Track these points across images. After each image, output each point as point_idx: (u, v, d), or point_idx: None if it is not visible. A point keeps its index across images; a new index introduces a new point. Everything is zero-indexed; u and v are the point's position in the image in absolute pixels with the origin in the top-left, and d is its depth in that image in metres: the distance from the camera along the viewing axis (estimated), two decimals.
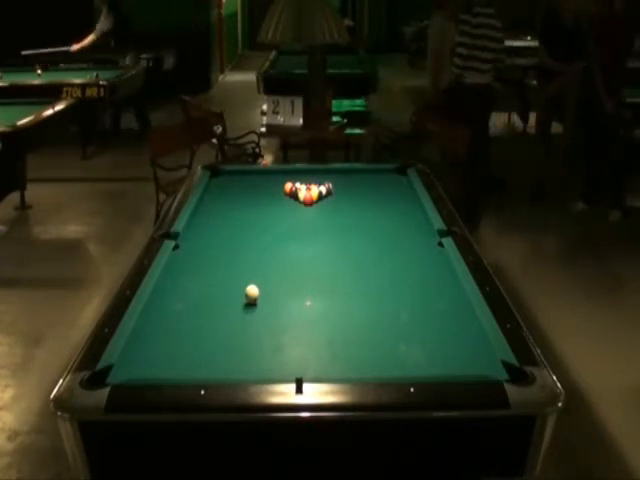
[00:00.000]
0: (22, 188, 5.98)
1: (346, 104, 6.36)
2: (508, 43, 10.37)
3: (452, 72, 5.78)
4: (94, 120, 7.90)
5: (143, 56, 9.08)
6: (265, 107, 5.67)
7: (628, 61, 5.85)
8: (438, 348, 2.19)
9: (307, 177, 3.76)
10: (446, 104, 5.92)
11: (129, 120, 8.88)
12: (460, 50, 5.67)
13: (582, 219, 5.83)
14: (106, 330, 2.22)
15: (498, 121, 9.11)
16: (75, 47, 8.22)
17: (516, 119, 8.91)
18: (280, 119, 5.46)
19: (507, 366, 2.01)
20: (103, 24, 8.26)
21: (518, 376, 1.94)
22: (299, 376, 1.91)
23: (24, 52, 8.49)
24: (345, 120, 5.64)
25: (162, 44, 9.75)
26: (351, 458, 1.94)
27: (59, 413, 1.85)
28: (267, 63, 8.17)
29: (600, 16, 5.65)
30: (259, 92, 7.52)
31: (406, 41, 14.63)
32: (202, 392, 1.87)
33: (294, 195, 3.58)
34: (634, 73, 6.39)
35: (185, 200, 3.52)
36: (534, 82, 6.82)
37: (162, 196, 4.99)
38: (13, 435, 3.13)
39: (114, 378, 1.96)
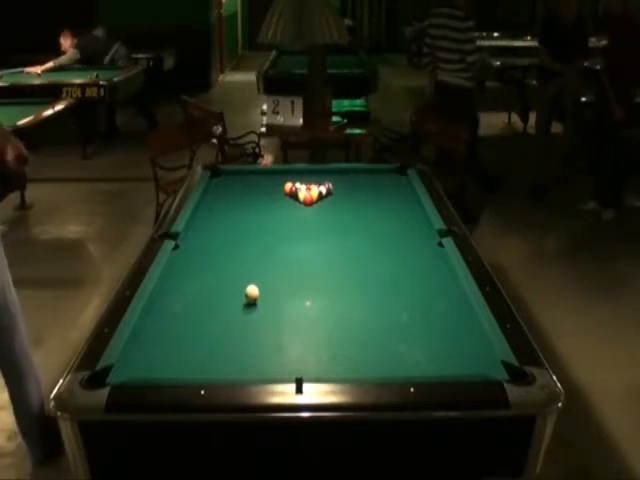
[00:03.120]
0: (22, 188, 5.98)
1: (346, 104, 6.36)
2: (508, 43, 10.49)
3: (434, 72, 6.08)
4: (94, 120, 7.90)
5: (143, 56, 9.09)
6: (265, 107, 5.67)
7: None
8: (438, 348, 2.19)
9: (307, 177, 3.76)
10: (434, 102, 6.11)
11: (129, 120, 8.90)
12: (426, 50, 6.13)
13: (581, 218, 5.83)
14: (106, 330, 2.22)
15: (498, 121, 9.14)
16: (30, 70, 7.89)
17: (516, 119, 8.91)
18: (280, 119, 5.45)
19: (507, 366, 2.01)
20: (64, 59, 8.06)
21: (518, 376, 1.94)
22: (299, 376, 1.91)
23: None
24: (345, 120, 5.64)
25: (162, 44, 9.76)
26: (351, 458, 1.94)
27: (59, 413, 1.85)
28: (267, 63, 8.17)
29: (616, 15, 5.66)
30: (259, 92, 7.52)
31: (406, 41, 14.65)
32: (202, 392, 1.87)
33: (294, 195, 3.58)
34: None
35: (185, 200, 3.52)
36: (534, 82, 6.83)
37: (162, 196, 4.99)
38: (13, 435, 3.13)
39: (114, 378, 1.96)
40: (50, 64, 7.95)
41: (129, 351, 2.13)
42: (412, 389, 1.88)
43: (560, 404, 1.87)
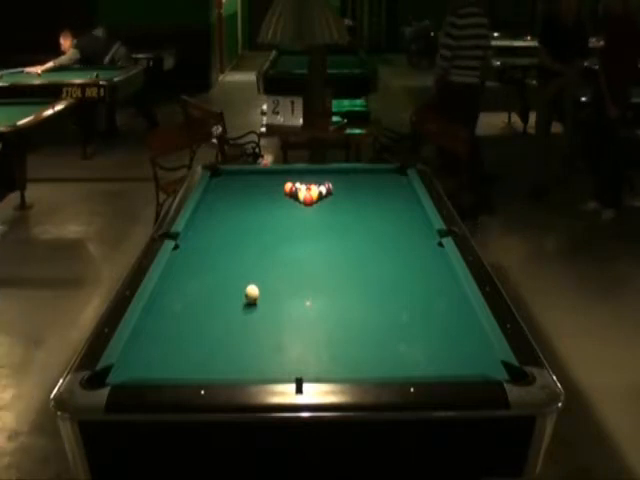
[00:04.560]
0: (22, 188, 5.98)
1: (346, 104, 6.36)
2: (508, 43, 10.50)
3: (436, 73, 5.87)
4: (94, 120, 7.91)
5: (143, 56, 9.09)
6: (265, 107, 5.67)
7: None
8: (438, 348, 2.19)
9: (307, 177, 3.76)
10: (437, 102, 5.98)
11: (129, 120, 8.90)
12: (444, 52, 5.72)
13: (581, 218, 5.83)
14: (106, 330, 2.22)
15: (498, 121, 9.14)
16: (30, 70, 7.88)
17: (516, 119, 8.92)
18: (280, 119, 5.45)
19: (507, 366, 2.01)
20: (64, 59, 8.06)
21: (518, 376, 1.94)
22: (299, 376, 1.91)
23: None
24: (345, 120, 5.64)
25: (162, 44, 9.76)
26: (351, 458, 1.94)
27: (59, 413, 1.85)
28: (267, 63, 8.18)
29: (615, 15, 5.67)
30: (259, 92, 7.52)
31: (406, 41, 14.66)
32: (202, 392, 1.87)
33: (294, 195, 3.58)
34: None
35: (185, 200, 3.52)
36: (534, 82, 6.83)
37: (162, 196, 4.99)
38: (13, 435, 3.13)
39: (114, 378, 1.96)
40: (50, 64, 7.95)
41: (129, 351, 2.13)
42: (412, 389, 1.88)
43: (560, 404, 1.87)
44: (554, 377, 1.95)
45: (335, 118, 5.63)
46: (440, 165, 5.50)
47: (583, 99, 6.19)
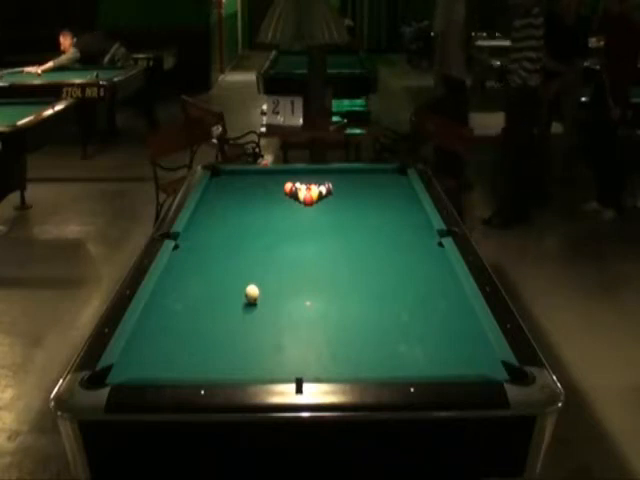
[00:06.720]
0: (22, 188, 5.98)
1: (346, 104, 6.36)
2: (508, 43, 10.49)
3: (520, 77, 5.43)
4: (94, 120, 7.90)
5: (143, 56, 9.09)
6: (265, 107, 5.68)
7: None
8: (438, 348, 2.19)
9: (307, 177, 3.76)
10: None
11: (129, 120, 8.90)
12: (530, 55, 5.38)
13: (582, 218, 5.82)
14: (106, 330, 2.22)
15: (498, 121, 9.12)
16: (30, 69, 7.86)
17: None
18: (280, 119, 5.46)
19: (507, 366, 2.01)
20: (64, 59, 8.04)
21: (518, 376, 1.94)
22: (299, 376, 1.91)
23: None
24: (345, 120, 5.64)
25: (162, 44, 9.75)
26: (351, 458, 1.94)
27: (59, 413, 1.86)
28: (267, 63, 8.18)
29: (613, 15, 5.66)
30: (259, 92, 7.52)
31: (406, 41, 14.65)
32: (202, 392, 1.87)
33: (294, 195, 3.58)
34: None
35: (185, 200, 3.52)
36: None
37: (162, 196, 4.99)
38: (13, 435, 3.13)
39: (114, 378, 1.96)
40: (50, 64, 7.95)
41: (129, 351, 2.13)
42: (412, 389, 1.88)
43: (560, 404, 1.87)
44: (554, 377, 1.95)
45: (335, 118, 5.63)
46: (436, 165, 5.48)
47: (583, 99, 6.18)
